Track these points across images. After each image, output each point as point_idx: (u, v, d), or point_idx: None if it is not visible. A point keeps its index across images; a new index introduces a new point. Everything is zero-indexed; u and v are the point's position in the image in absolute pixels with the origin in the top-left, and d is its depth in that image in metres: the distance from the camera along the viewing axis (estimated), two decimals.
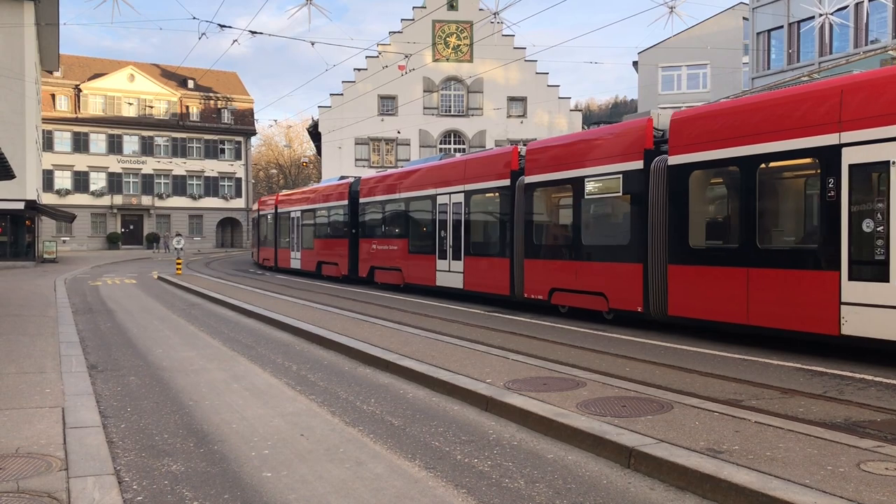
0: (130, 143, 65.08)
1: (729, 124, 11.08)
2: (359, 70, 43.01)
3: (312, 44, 25.36)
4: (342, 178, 28.15)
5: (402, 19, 43.03)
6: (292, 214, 30.63)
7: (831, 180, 9.58)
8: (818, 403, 7.09)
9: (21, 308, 15.90)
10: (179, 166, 66.51)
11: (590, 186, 13.88)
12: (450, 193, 18.52)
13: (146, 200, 65.27)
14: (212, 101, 69.06)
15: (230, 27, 20.78)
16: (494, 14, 22.87)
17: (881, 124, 8.98)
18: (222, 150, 69.08)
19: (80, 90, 62.90)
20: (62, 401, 7.00)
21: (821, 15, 28.00)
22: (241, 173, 69.93)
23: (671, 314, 12.01)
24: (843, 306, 9.43)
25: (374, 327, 12.56)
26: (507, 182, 16.34)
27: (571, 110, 44.33)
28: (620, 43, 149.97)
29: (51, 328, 12.53)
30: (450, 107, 43.67)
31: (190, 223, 67.40)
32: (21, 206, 35.70)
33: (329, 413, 7.13)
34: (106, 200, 63.73)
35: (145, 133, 65.41)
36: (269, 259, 34.13)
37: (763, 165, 10.57)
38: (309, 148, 79.43)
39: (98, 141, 63.76)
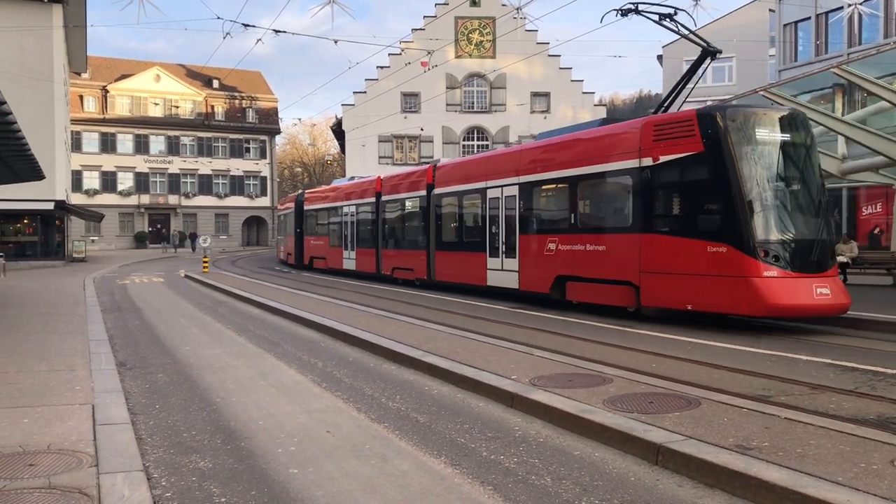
0: (157, 142, 65.76)
1: (453, 175, 20.84)
2: (382, 68, 43.08)
3: (335, 42, 25.45)
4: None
5: (424, 16, 43.04)
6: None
7: (490, 205, 18.39)
8: (850, 399, 6.98)
9: (51, 307, 16.12)
10: (205, 165, 67.11)
11: (408, 203, 23.37)
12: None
13: (173, 200, 65.94)
14: (236, 101, 69.57)
15: (254, 26, 20.91)
16: (517, 9, 22.79)
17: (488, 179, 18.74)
18: (247, 150, 69.58)
19: (107, 91, 63.66)
20: (92, 398, 7.08)
21: (850, 5, 27.58)
22: (265, 172, 70.39)
23: (437, 279, 21.25)
24: (488, 271, 18.33)
25: (399, 324, 12.58)
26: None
27: (595, 105, 44.08)
28: (644, 37, 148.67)
29: (80, 326, 12.69)
30: (473, 103, 43.59)
31: (216, 222, 68.00)
32: (51, 206, 36.20)
33: (355, 410, 7.14)
34: (133, 200, 64.48)
35: (171, 133, 66.05)
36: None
37: (473, 195, 19.32)
38: (333, 146, 79.78)
39: (125, 141, 64.50)
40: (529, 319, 13.77)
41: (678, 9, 14.91)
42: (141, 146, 65.02)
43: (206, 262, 30.46)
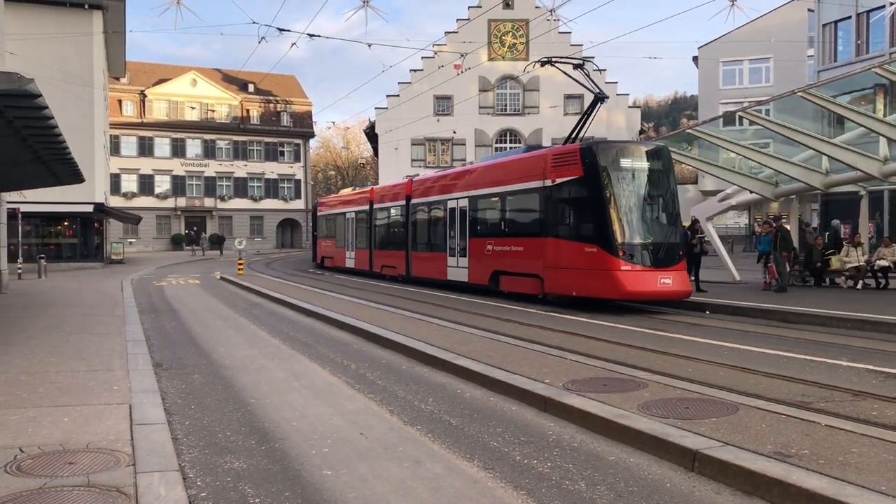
0: (193, 146, 66.63)
1: (428, 187, 24.04)
2: (415, 71, 43.18)
3: (369, 45, 25.56)
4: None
5: (457, 19, 43.03)
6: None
7: (449, 214, 22.17)
8: (893, 407, 6.82)
9: (91, 308, 16.40)
10: (241, 168, 67.84)
11: (392, 211, 26.97)
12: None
13: (209, 202, 66.74)
14: (271, 105, 70.22)
15: (289, 31, 21.09)
16: (551, 11, 22.70)
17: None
18: (282, 153, 70.19)
19: (145, 95, 64.67)
20: (129, 398, 7.18)
21: (892, 3, 27.01)
22: (300, 175, 70.95)
23: (413, 275, 24.73)
24: (448, 268, 21.86)
25: (431, 326, 12.58)
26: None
27: (630, 107, 43.69)
28: (679, 38, 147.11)
29: (118, 327, 12.89)
30: (505, 105, 43.48)
31: (251, 224, 68.68)
32: (90, 208, 36.86)
33: (388, 412, 7.15)
34: (170, 202, 65.41)
35: (207, 136, 66.88)
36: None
37: (440, 204, 22.73)
38: (366, 149, 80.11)
39: (162, 145, 65.46)
40: (562, 323, 13.69)
41: (586, 59, 20.25)
42: (178, 150, 65.93)
43: (240, 264, 30.77)
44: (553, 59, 19.16)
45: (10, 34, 25.73)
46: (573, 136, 19.03)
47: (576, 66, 18.89)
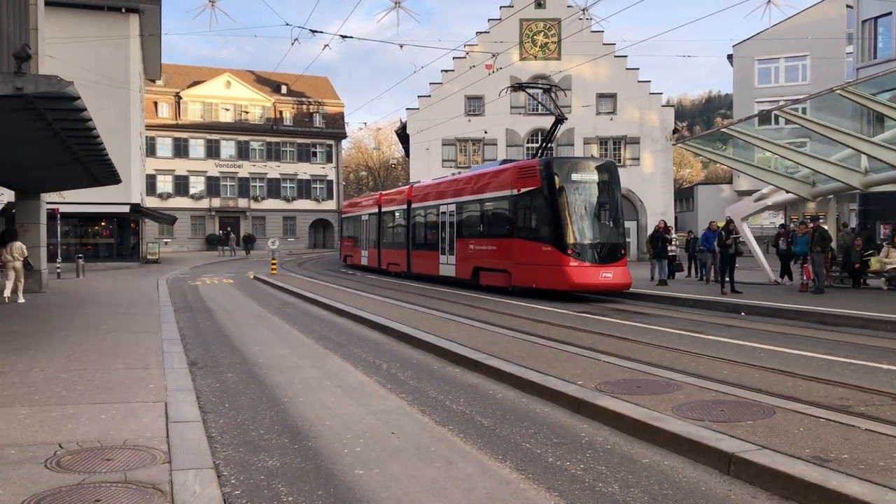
0: (227, 147, 67.36)
1: (425, 193, 26.72)
2: (446, 71, 43.13)
3: (401, 46, 25.64)
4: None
5: (488, 19, 42.88)
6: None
7: (441, 218, 24.80)
8: None
9: (127, 307, 16.65)
10: (274, 169, 68.44)
11: (396, 214, 29.83)
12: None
13: (242, 203, 67.42)
14: (304, 106, 70.74)
15: (321, 32, 21.24)
16: (583, 10, 22.58)
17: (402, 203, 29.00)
18: (314, 154, 70.68)
19: (180, 97, 65.53)
20: (165, 396, 7.27)
21: None
22: (332, 176, 71.38)
23: (413, 272, 27.24)
24: (440, 265, 24.60)
25: (462, 326, 12.57)
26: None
27: (663, 106, 43.19)
28: (713, 36, 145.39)
29: (154, 326, 13.07)
30: (537, 105, 43.25)
31: (284, 224, 69.26)
32: (126, 209, 37.45)
33: (419, 412, 7.15)
34: (204, 203, 66.19)
35: (241, 138, 67.57)
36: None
37: (433, 209, 25.33)
38: (397, 150, 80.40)
39: (197, 146, 66.27)
40: (594, 324, 13.60)
41: (554, 85, 23.86)
42: (212, 151, 66.71)
43: (274, 264, 31.05)
44: (524, 85, 24.43)
45: (50, 38, 26.21)
46: (539, 152, 22.65)
47: (545, 91, 22.56)
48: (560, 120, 21.56)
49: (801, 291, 18.35)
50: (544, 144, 22.63)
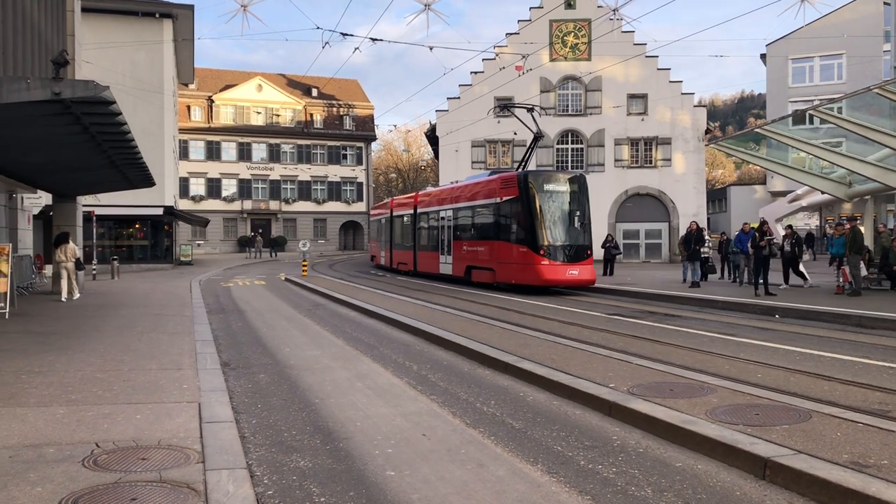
0: (259, 150, 68.05)
1: (429, 200, 29.47)
2: (475, 73, 43.13)
3: (431, 48, 25.72)
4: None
5: (518, 20, 42.78)
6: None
7: (441, 222, 27.68)
8: None
9: (161, 308, 16.87)
10: (304, 172, 68.99)
11: (405, 219, 32.79)
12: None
13: (274, 205, 68.05)
14: (334, 109, 71.21)
15: (352, 35, 21.37)
16: (613, 11, 22.44)
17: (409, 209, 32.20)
18: (344, 156, 71.14)
19: (212, 101, 66.33)
20: (198, 396, 7.35)
21: None
22: (362, 178, 71.76)
23: (419, 270, 29.99)
24: (440, 264, 27.55)
25: (492, 328, 12.55)
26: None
27: (695, 106, 42.74)
28: (746, 35, 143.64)
29: (187, 327, 13.22)
30: (567, 106, 43.06)
31: (314, 226, 69.81)
32: (160, 211, 37.98)
33: (450, 414, 7.15)
34: (236, 205, 66.91)
35: (272, 140, 68.23)
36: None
37: (435, 213, 27.85)
38: (427, 152, 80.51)
39: (229, 149, 67.02)
40: (626, 326, 13.50)
41: (535, 105, 26.35)
42: (244, 154, 67.43)
43: (304, 265, 31.28)
44: (509, 105, 27.83)
45: (86, 44, 26.68)
46: (520, 165, 25.13)
47: (529, 110, 25.16)
48: (538, 137, 24.49)
49: (837, 294, 18.04)
50: (525, 157, 25.41)
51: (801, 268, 20.35)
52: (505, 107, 27.07)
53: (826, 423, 5.96)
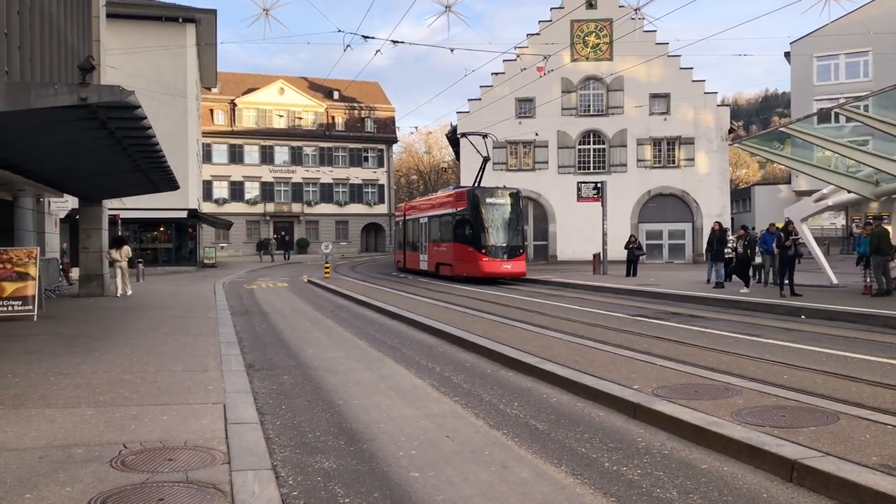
0: (281, 153, 68.48)
1: (412, 208, 36.73)
2: (496, 74, 43.07)
3: (452, 50, 25.82)
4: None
5: (539, 21, 42.67)
6: None
7: (422, 227, 33.88)
8: None
9: (186, 310, 17.03)
10: (326, 174, 69.33)
11: (399, 224, 39.14)
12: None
13: (296, 208, 68.42)
14: (355, 111, 71.49)
15: (373, 38, 21.41)
16: (635, 10, 22.29)
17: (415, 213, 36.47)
18: (366, 158, 71.40)
19: (234, 105, 66.84)
20: (223, 397, 7.41)
21: None
22: (383, 180, 71.99)
23: (406, 267, 36.62)
24: (420, 262, 34.01)
25: (514, 330, 12.53)
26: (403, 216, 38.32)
27: (718, 105, 42.39)
28: (770, 34, 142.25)
29: (212, 329, 13.33)
30: (588, 106, 42.89)
31: (336, 228, 70.11)
32: (184, 214, 38.31)
33: (473, 415, 7.15)
34: (259, 208, 67.36)
35: (294, 143, 68.62)
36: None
37: (415, 221, 35.02)
38: (448, 153, 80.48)
39: (252, 152, 67.51)
40: (650, 328, 13.42)
41: (487, 133, 32.49)
42: (266, 157, 67.89)
43: (327, 267, 31.43)
44: (465, 133, 34.20)
45: (111, 49, 27.01)
46: (475, 182, 31.09)
47: (484, 136, 31.41)
48: (486, 160, 31.25)
49: (864, 294, 17.81)
50: (478, 176, 31.22)
51: (751, 271, 20.87)
52: (463, 135, 34.30)
53: (854, 424, 5.89)
